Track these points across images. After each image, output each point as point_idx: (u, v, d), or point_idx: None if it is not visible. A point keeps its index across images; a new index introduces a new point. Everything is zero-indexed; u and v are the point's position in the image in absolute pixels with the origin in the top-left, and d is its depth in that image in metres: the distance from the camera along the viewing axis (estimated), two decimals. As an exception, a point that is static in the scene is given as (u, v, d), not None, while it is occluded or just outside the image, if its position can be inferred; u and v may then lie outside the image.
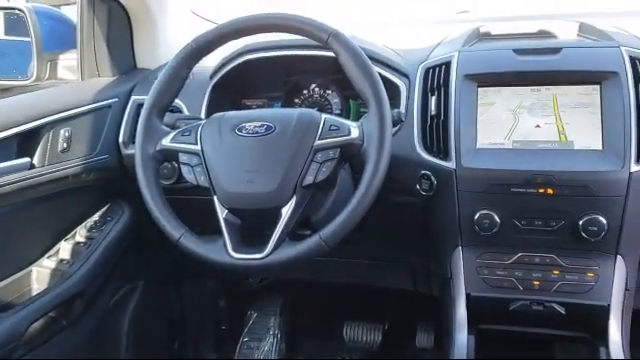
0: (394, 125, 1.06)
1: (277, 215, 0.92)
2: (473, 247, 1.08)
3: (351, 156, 0.96)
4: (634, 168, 0.96)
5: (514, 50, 1.10)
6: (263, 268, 0.91)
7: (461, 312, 1.07)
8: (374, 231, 1.35)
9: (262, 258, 0.90)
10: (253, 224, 0.96)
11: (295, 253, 0.90)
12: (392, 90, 1.15)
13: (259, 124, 0.96)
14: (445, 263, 1.11)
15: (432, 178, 1.07)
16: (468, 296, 1.07)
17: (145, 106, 1.03)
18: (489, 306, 1.06)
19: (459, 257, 1.09)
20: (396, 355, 1.68)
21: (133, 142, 1.28)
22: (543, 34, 1.27)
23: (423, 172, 1.08)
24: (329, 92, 1.34)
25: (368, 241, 1.38)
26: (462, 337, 1.05)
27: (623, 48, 1.04)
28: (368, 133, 0.93)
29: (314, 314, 1.84)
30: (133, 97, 1.33)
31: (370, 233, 1.35)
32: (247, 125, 0.97)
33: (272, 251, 0.90)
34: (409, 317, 1.68)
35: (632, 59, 1.03)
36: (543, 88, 1.07)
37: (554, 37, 1.27)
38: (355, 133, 0.94)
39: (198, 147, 0.97)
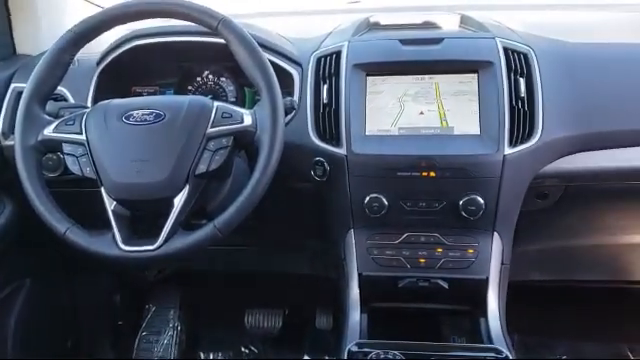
0: (287, 113, 1.08)
1: (169, 205, 0.91)
2: (364, 229, 1.12)
3: (245, 144, 0.96)
4: (507, 151, 1.04)
5: (400, 40, 1.14)
6: (155, 260, 0.89)
7: (354, 292, 1.11)
8: (272, 218, 1.36)
9: (154, 250, 0.89)
10: (144, 215, 0.95)
11: (188, 243, 0.89)
12: (286, 78, 1.16)
13: (148, 112, 0.94)
14: (339, 245, 1.15)
15: (325, 164, 1.10)
16: (360, 276, 1.11)
17: (24, 94, 0.98)
18: (380, 285, 1.11)
19: (351, 239, 1.13)
20: (296, 338, 1.72)
21: (13, 133, 1.20)
22: (428, 25, 1.33)
23: (317, 159, 1.11)
24: (223, 79, 1.33)
25: (266, 228, 1.40)
26: (355, 316, 1.10)
27: (498, 39, 1.12)
28: (261, 121, 0.94)
29: (215, 304, 1.84)
30: (13, 85, 1.25)
31: (268, 220, 1.36)
32: (135, 113, 0.94)
33: (164, 242, 0.89)
34: (309, 300, 1.72)
35: (506, 49, 1.10)
36: (426, 77, 1.12)
37: (438, 28, 1.33)
38: (248, 121, 0.94)
39: (83, 137, 0.93)
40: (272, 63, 1.13)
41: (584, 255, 1.38)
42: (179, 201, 0.91)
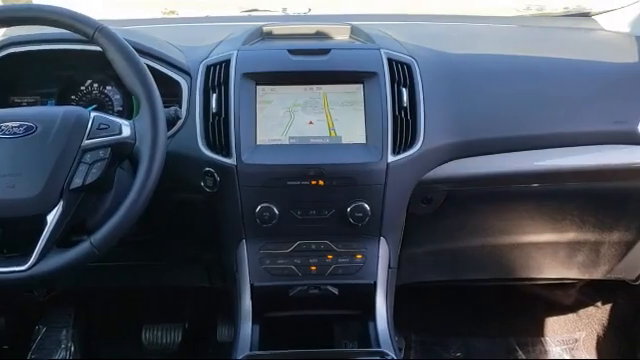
0: (171, 123, 1.05)
1: (42, 222, 0.86)
2: (256, 239, 1.12)
3: (124, 156, 0.93)
4: (391, 159, 1.07)
5: (288, 50, 1.15)
6: (27, 280, 0.84)
7: (246, 303, 1.11)
8: (165, 231, 1.33)
9: (25, 270, 0.84)
10: (16, 234, 0.89)
11: (63, 262, 0.85)
12: (173, 87, 1.14)
13: (17, 124, 0.89)
14: (231, 256, 1.14)
15: (215, 175, 1.09)
16: (252, 287, 1.11)
17: None
18: (272, 294, 1.11)
19: (243, 249, 1.12)
20: (197, 352, 1.68)
21: None
22: (320, 35, 1.36)
23: (206, 169, 1.09)
24: (109, 88, 1.28)
25: (159, 242, 1.36)
26: (247, 328, 1.09)
27: (383, 50, 1.15)
28: (140, 132, 0.91)
29: (110, 322, 1.76)
30: None
31: (160, 233, 1.33)
32: (3, 125, 0.89)
33: (37, 262, 0.84)
34: (209, 313, 1.69)
35: (390, 61, 1.14)
36: (315, 87, 1.14)
37: (329, 38, 1.36)
38: (127, 132, 0.91)
39: None
40: (157, 72, 1.12)
41: (471, 255, 1.45)
42: (53, 217, 0.86)
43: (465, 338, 1.77)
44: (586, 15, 1.62)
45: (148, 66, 1.07)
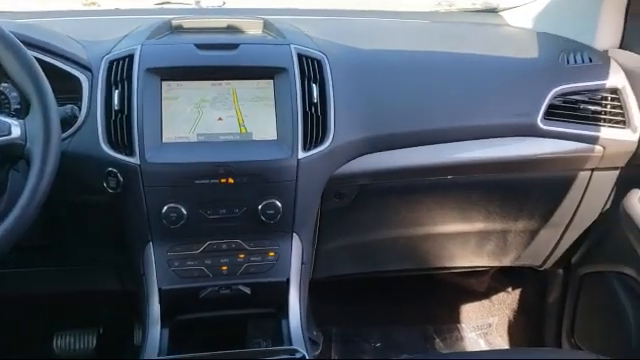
0: (67, 123, 1.00)
1: None
2: (163, 241, 1.08)
3: (14, 158, 0.88)
4: (301, 155, 1.07)
5: (196, 45, 1.12)
6: None
7: (154, 307, 1.07)
8: (70, 234, 1.27)
9: None
10: None
11: None
12: (72, 84, 1.08)
13: None
14: (138, 259, 1.10)
15: (118, 175, 1.04)
16: (160, 290, 1.07)
17: None
18: (182, 297, 1.08)
19: (150, 252, 1.08)
20: (112, 357, 1.62)
21: None
22: (231, 29, 1.33)
23: (109, 169, 1.04)
24: (5, 85, 1.20)
25: (65, 245, 1.29)
26: (155, 332, 1.06)
27: (293, 46, 1.14)
28: (31, 132, 0.86)
29: (19, 331, 1.67)
30: None
31: (66, 237, 1.27)
32: None
33: None
34: (125, 317, 1.64)
35: (300, 56, 1.13)
36: (224, 82, 1.11)
37: (241, 33, 1.33)
38: (16, 132, 0.86)
39: None
40: (54, 67, 1.06)
41: (387, 247, 1.47)
42: None
43: (384, 328, 1.81)
44: (493, 11, 1.68)
45: (43, 61, 1.02)
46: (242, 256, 1.10)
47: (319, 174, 1.12)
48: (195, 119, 1.09)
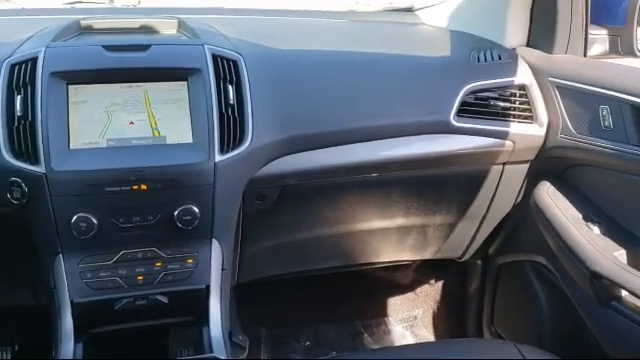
0: None
1: None
2: (74, 252, 1.04)
3: None
4: (218, 158, 1.05)
5: (104, 46, 1.08)
6: None
7: (67, 322, 1.02)
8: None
9: None
10: None
11: None
12: (-30, 90, 1.01)
13: None
14: (48, 273, 1.05)
15: (23, 185, 0.99)
16: (73, 303, 1.03)
17: None
18: (96, 310, 1.04)
19: (61, 265, 1.03)
20: None
21: None
22: (144, 30, 1.28)
23: (13, 179, 0.99)
24: None
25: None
26: (68, 347, 1.01)
27: (207, 46, 1.11)
28: None
29: None
30: None
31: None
32: None
33: None
34: (43, 332, 1.56)
35: (214, 57, 1.10)
36: (134, 85, 1.07)
37: (154, 33, 1.29)
38: None
39: None
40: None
41: (312, 246, 1.48)
42: None
43: (314, 327, 1.82)
44: (409, 10, 1.71)
45: None
46: (158, 264, 1.07)
47: (238, 177, 1.10)
48: (105, 124, 1.04)
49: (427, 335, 1.84)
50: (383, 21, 1.64)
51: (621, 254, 1.16)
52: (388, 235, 1.49)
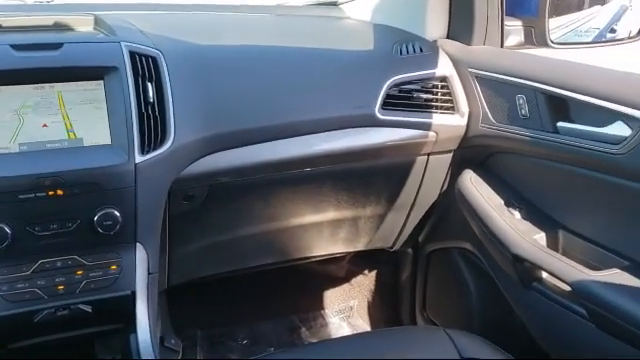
0: None
1: None
2: None
3: None
4: (139, 159, 1.01)
5: (12, 45, 1.01)
6: None
7: None
8: None
9: None
10: None
11: None
12: None
13: None
14: None
15: None
16: None
17: None
18: (13, 324, 0.99)
19: None
20: None
21: None
22: (58, 27, 1.22)
23: None
24: None
25: None
26: None
27: (124, 43, 1.07)
28: None
29: None
30: None
31: None
32: None
33: None
34: None
35: (132, 54, 1.06)
36: (47, 85, 1.02)
37: (69, 30, 1.23)
38: None
39: None
40: None
41: (246, 244, 1.46)
42: None
43: (251, 324, 1.80)
44: (334, 4, 1.71)
45: None
46: (80, 273, 1.02)
47: (161, 178, 1.07)
48: (16, 127, 0.98)
49: (363, 325, 1.86)
50: (308, 15, 1.64)
51: (541, 237, 1.21)
52: (321, 229, 1.50)
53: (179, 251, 1.34)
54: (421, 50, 1.36)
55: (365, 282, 1.90)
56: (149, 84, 1.06)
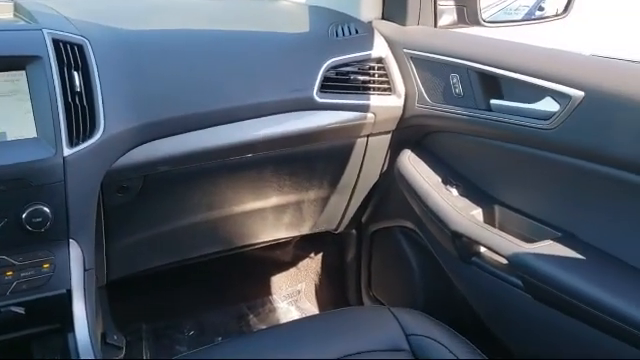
0: None
1: None
2: None
3: None
4: (67, 152, 0.97)
5: None
6: None
7: None
8: None
9: None
10: None
11: None
12: None
13: None
14: None
15: None
16: None
17: None
18: None
19: None
20: None
21: None
22: None
23: None
24: None
25: None
26: None
27: (46, 31, 1.02)
28: None
29: None
30: None
31: None
32: None
33: None
34: None
35: (56, 42, 1.01)
36: None
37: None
38: None
39: None
40: None
41: (188, 233, 1.43)
42: None
43: (197, 315, 1.78)
44: (268, -14, 1.68)
45: None
46: (10, 273, 0.98)
47: (92, 170, 1.03)
48: None
49: (311, 308, 1.87)
50: (243, -3, 1.60)
51: (478, 213, 1.24)
52: (264, 215, 1.49)
53: (118, 245, 1.30)
54: (357, 31, 1.35)
55: (311, 265, 1.91)
56: (75, 73, 1.01)
